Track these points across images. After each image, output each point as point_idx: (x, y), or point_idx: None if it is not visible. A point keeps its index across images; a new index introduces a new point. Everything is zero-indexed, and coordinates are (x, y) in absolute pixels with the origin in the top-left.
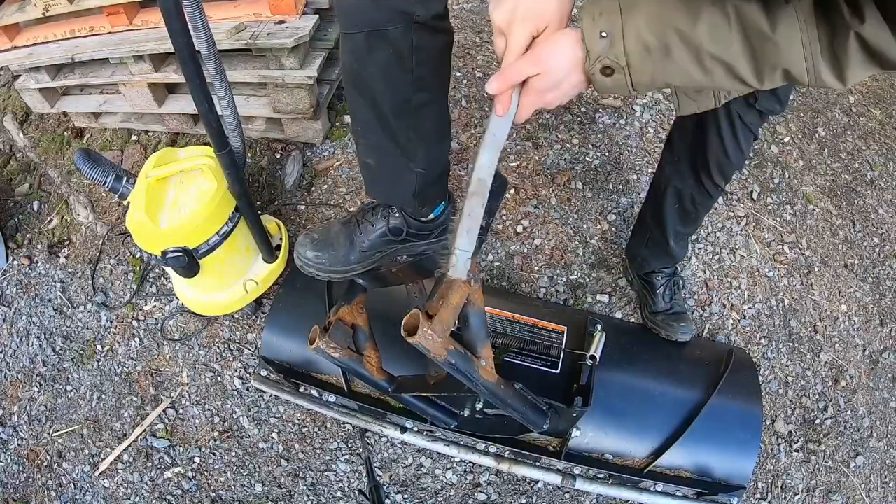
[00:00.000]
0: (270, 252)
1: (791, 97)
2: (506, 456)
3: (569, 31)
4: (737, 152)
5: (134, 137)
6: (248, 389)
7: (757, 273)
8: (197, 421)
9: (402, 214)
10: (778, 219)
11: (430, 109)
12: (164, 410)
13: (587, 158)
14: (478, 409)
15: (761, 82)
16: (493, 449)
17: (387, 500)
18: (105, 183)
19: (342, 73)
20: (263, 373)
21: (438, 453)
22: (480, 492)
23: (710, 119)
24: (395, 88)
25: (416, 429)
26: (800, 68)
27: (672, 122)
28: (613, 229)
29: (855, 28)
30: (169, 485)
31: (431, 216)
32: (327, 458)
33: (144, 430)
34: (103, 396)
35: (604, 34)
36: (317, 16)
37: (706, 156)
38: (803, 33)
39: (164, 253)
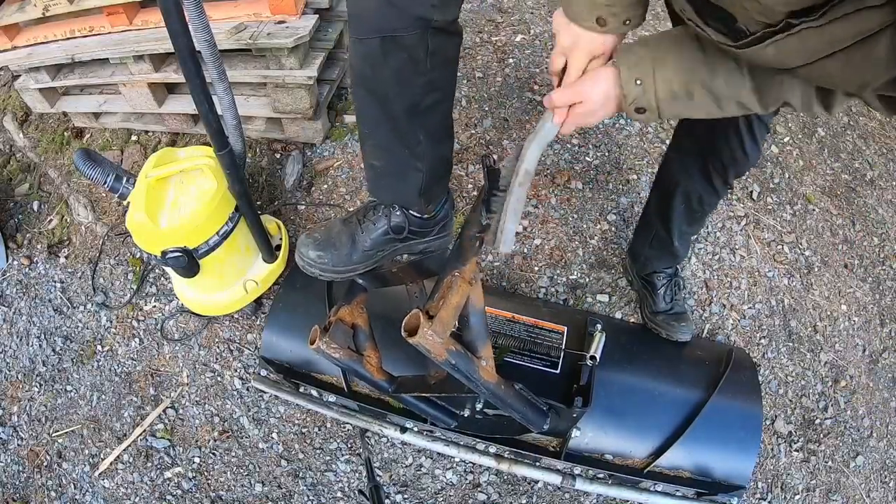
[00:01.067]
0: (270, 252)
1: None
2: (506, 456)
3: (609, 70)
4: (753, 147)
5: (134, 137)
6: (248, 389)
7: (757, 273)
8: (197, 421)
9: (404, 212)
10: (778, 219)
11: (440, 109)
12: (164, 410)
13: (587, 158)
14: (478, 409)
15: (766, 109)
16: (493, 449)
17: (387, 500)
18: (105, 183)
19: (351, 77)
20: (263, 373)
21: (438, 453)
22: (480, 492)
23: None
24: (408, 91)
25: (416, 429)
26: (797, 102)
27: (674, 122)
28: (613, 229)
29: None
30: (169, 485)
31: (432, 211)
32: (327, 458)
33: (144, 430)
34: (103, 396)
35: (638, 81)
36: (317, 16)
37: (720, 155)
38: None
39: (164, 253)
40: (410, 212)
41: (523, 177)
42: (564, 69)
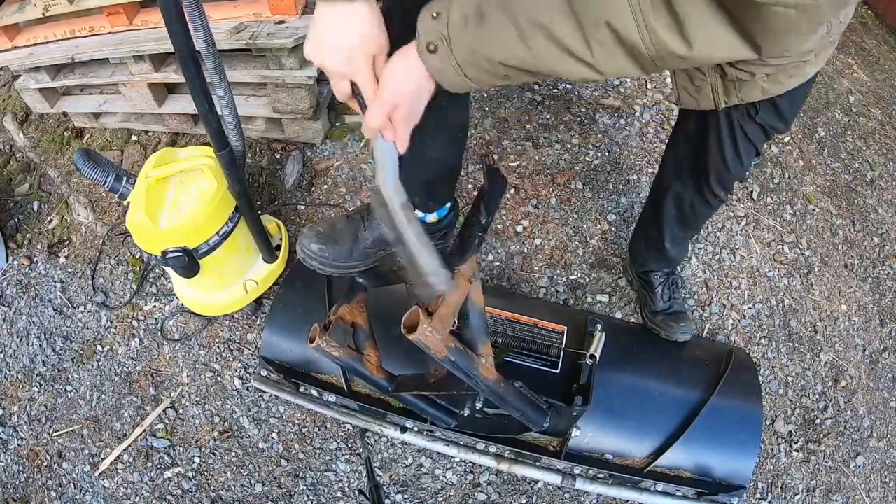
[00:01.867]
0: (270, 252)
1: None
2: (506, 456)
3: (403, 51)
4: (736, 163)
5: (134, 137)
6: (248, 389)
7: (757, 273)
8: (197, 421)
9: None
10: (778, 219)
11: (453, 103)
12: (164, 410)
13: (587, 158)
14: (478, 408)
15: (591, 50)
16: (493, 449)
17: (387, 500)
18: (105, 183)
19: None
20: (263, 373)
21: (438, 453)
22: (480, 492)
23: (711, 125)
24: None
25: (416, 429)
26: (626, 22)
27: (674, 122)
28: (613, 229)
29: None
30: (169, 485)
31: (435, 218)
32: (327, 458)
33: (144, 430)
34: (103, 396)
35: (434, 14)
36: None
37: (706, 163)
38: None
39: (164, 253)
40: (414, 205)
41: (404, 211)
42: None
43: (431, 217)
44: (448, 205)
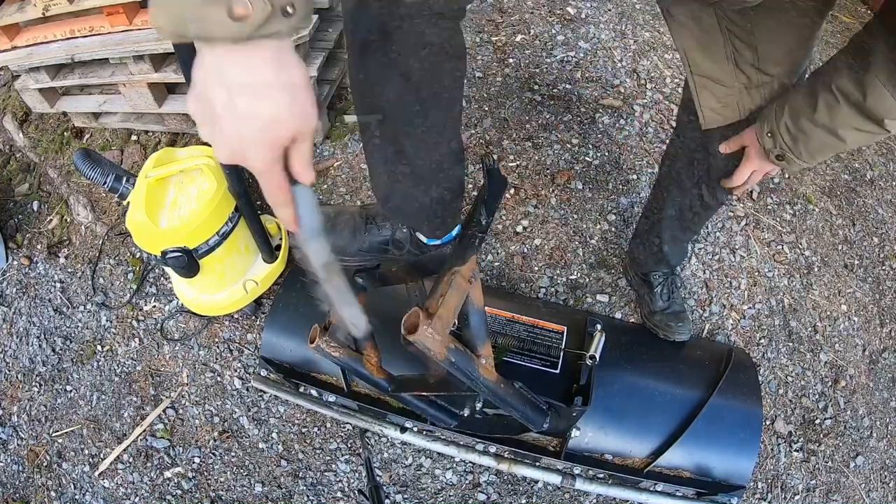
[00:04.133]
0: (270, 252)
1: None
2: (506, 456)
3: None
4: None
5: (134, 137)
6: (248, 389)
7: (757, 273)
8: (197, 421)
9: (411, 230)
10: (778, 219)
11: (427, 117)
12: (164, 410)
13: (587, 158)
14: (477, 408)
15: (875, 110)
16: (493, 449)
17: (387, 500)
18: (105, 183)
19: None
20: (263, 373)
21: (438, 453)
22: (480, 492)
23: (714, 133)
24: (401, 102)
25: (415, 429)
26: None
27: (674, 122)
28: (613, 229)
29: None
30: (169, 485)
31: (438, 243)
32: (327, 458)
33: (144, 430)
34: (103, 396)
35: (769, 134)
36: (317, 16)
37: (709, 169)
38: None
39: (163, 253)
40: (418, 234)
41: (327, 271)
42: None
43: (434, 242)
44: (454, 231)
